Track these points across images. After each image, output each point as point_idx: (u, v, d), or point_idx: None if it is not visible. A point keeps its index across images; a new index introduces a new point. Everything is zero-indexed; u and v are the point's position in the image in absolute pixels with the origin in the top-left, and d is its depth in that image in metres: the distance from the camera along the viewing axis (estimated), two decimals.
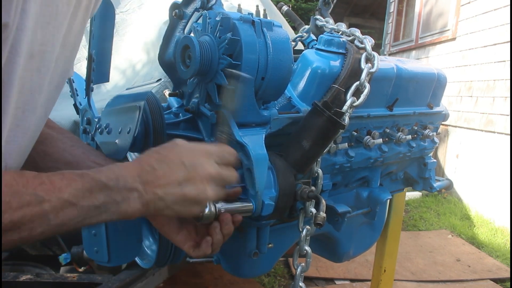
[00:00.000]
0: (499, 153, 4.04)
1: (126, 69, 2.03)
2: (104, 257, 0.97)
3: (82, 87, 1.05)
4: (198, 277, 2.60)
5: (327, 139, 0.89)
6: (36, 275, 1.54)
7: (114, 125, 0.85)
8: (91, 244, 1.00)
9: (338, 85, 0.99)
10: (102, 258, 0.98)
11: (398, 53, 6.97)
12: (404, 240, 3.42)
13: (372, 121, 1.16)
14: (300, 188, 0.87)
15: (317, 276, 2.78)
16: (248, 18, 0.80)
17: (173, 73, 0.94)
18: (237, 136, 0.79)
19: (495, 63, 4.27)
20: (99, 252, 0.98)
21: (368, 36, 1.05)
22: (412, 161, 1.45)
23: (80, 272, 1.75)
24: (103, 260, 0.98)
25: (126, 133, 0.79)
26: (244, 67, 0.77)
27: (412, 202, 4.58)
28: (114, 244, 0.96)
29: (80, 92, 1.06)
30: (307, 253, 0.94)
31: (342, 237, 1.30)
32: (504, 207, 3.81)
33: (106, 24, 0.95)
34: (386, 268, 1.69)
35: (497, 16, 4.29)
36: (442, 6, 5.61)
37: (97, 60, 0.94)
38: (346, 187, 1.24)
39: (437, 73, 1.34)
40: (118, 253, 0.98)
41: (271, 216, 0.84)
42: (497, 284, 2.85)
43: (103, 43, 0.96)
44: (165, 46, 0.96)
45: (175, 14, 0.94)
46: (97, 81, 0.96)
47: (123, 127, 0.80)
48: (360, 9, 10.91)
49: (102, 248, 0.97)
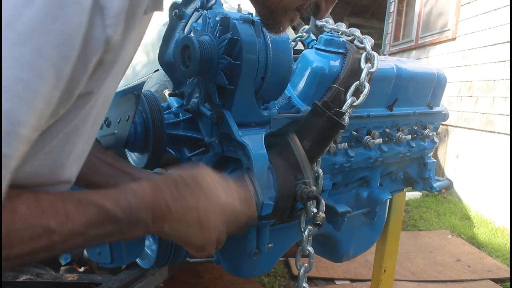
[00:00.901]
0: (499, 153, 4.04)
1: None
2: (107, 259, 0.97)
3: None
4: (198, 277, 2.60)
5: (327, 139, 0.89)
6: (36, 275, 1.54)
7: (113, 118, 0.86)
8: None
9: (338, 85, 0.99)
10: (105, 259, 0.98)
11: (398, 53, 6.96)
12: (404, 240, 3.42)
13: (372, 121, 1.16)
14: (300, 188, 0.87)
15: (317, 276, 2.78)
16: (248, 18, 0.80)
17: (173, 73, 0.94)
18: (237, 136, 0.79)
19: (495, 63, 4.27)
20: (102, 253, 0.98)
21: (368, 36, 1.06)
22: (412, 161, 1.45)
23: (80, 272, 1.75)
24: (106, 262, 0.98)
25: (125, 122, 0.79)
26: (244, 67, 0.77)
27: (412, 202, 4.58)
28: (116, 244, 0.96)
29: None
30: (309, 254, 0.94)
31: (342, 237, 1.30)
32: (504, 207, 3.81)
33: None
34: (386, 268, 1.69)
35: (497, 16, 4.29)
36: (442, 6, 5.61)
37: None
38: (346, 187, 1.24)
39: (437, 73, 1.34)
40: (121, 254, 0.98)
41: (271, 216, 0.84)
42: (497, 284, 2.85)
43: None
44: (165, 46, 0.96)
45: (175, 14, 0.94)
46: None
47: (122, 116, 0.81)
48: (360, 9, 10.91)
49: (105, 250, 0.97)
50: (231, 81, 0.79)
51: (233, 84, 0.79)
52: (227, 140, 0.84)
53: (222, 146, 0.85)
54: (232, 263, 1.10)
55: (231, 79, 0.79)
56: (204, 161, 0.88)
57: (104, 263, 0.99)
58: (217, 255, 1.12)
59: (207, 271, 2.66)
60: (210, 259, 1.12)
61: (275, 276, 2.75)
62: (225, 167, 0.87)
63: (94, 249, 1.00)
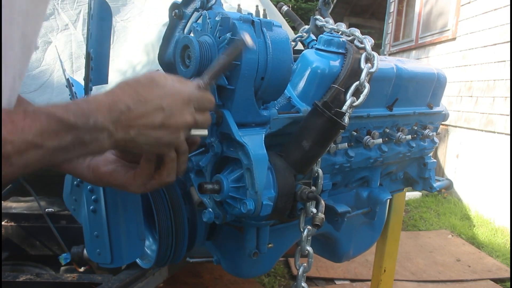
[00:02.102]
0: (499, 153, 4.04)
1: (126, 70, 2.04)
2: (107, 259, 0.97)
3: (81, 91, 1.05)
4: (198, 277, 2.60)
5: (327, 140, 0.89)
6: (36, 275, 1.54)
7: None
8: (93, 246, 1.00)
9: (338, 85, 0.99)
10: (105, 259, 0.98)
11: (398, 53, 6.97)
12: (404, 240, 3.42)
13: (372, 121, 1.16)
14: (300, 188, 0.87)
15: (317, 276, 2.78)
16: (248, 18, 0.80)
17: (173, 73, 0.94)
18: (236, 136, 0.79)
19: (495, 63, 4.27)
20: (102, 253, 0.98)
21: (368, 36, 1.05)
22: (412, 161, 1.45)
23: (80, 272, 1.75)
24: (106, 262, 0.98)
25: None
26: (243, 67, 0.77)
27: (412, 202, 4.58)
28: (116, 244, 0.96)
29: (79, 95, 1.06)
30: (308, 253, 0.94)
31: (342, 237, 1.30)
32: (504, 207, 3.81)
33: (103, 24, 0.95)
34: (386, 268, 1.69)
35: (497, 16, 4.29)
36: (442, 6, 5.61)
37: (95, 60, 0.94)
38: (346, 187, 1.24)
39: (437, 73, 1.34)
40: (121, 254, 0.98)
41: (270, 216, 0.84)
42: (497, 284, 2.85)
43: (100, 43, 0.96)
44: (165, 46, 0.96)
45: (175, 14, 0.94)
46: (96, 83, 0.96)
47: None
48: (360, 9, 10.91)
49: (105, 250, 0.97)
50: (231, 81, 0.79)
51: (233, 84, 0.79)
52: (227, 140, 0.84)
53: (222, 146, 0.85)
54: (232, 263, 1.10)
55: (231, 79, 0.79)
56: (204, 161, 0.88)
57: (104, 263, 0.99)
58: (217, 255, 1.12)
59: (207, 271, 2.66)
60: (210, 259, 1.12)
61: (275, 276, 2.75)
62: (225, 167, 0.87)
63: (94, 249, 1.00)
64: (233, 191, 0.82)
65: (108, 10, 0.96)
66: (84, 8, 2.07)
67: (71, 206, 1.02)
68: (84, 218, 1.00)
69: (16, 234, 1.92)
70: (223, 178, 0.82)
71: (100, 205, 0.93)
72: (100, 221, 0.94)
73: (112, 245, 0.95)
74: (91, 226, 0.98)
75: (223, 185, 0.82)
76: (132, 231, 0.94)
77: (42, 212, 1.84)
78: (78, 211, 1.01)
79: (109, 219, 0.93)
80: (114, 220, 0.93)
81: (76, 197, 1.00)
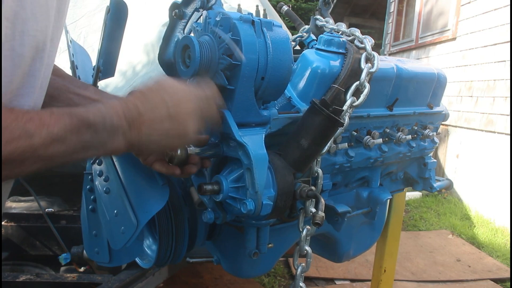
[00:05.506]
0: (499, 153, 4.04)
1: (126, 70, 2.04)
2: (105, 258, 0.97)
3: (82, 55, 1.10)
4: (198, 277, 2.60)
5: (326, 138, 0.89)
6: (36, 275, 1.55)
7: None
8: (91, 245, 1.00)
9: (338, 85, 0.99)
10: (103, 258, 0.98)
11: (398, 53, 6.96)
12: (404, 240, 3.42)
13: (372, 121, 1.15)
14: (299, 187, 0.87)
15: (317, 276, 2.78)
16: (248, 18, 0.80)
17: (173, 73, 0.94)
18: (237, 136, 0.79)
19: (495, 63, 4.27)
20: (100, 252, 0.98)
21: (368, 36, 1.05)
22: (412, 161, 1.45)
23: (80, 272, 1.75)
24: (104, 261, 0.98)
25: None
26: (243, 67, 0.77)
27: (412, 202, 4.58)
28: (138, 202, 0.93)
29: (78, 57, 1.11)
30: (307, 253, 0.94)
31: (342, 237, 1.30)
32: (504, 207, 3.81)
33: (118, 23, 0.99)
34: (386, 268, 1.69)
35: (497, 16, 4.29)
36: (442, 6, 5.61)
37: (105, 54, 0.99)
38: (346, 187, 1.24)
39: (437, 73, 1.34)
40: (119, 253, 0.97)
41: (270, 215, 0.84)
42: (497, 284, 2.85)
43: (113, 40, 1.00)
44: (165, 46, 0.96)
45: (175, 14, 0.94)
46: (104, 75, 0.99)
47: None
48: (360, 9, 10.90)
49: (103, 249, 0.97)
50: (231, 81, 0.79)
51: (233, 84, 0.79)
52: (227, 140, 0.84)
53: (222, 146, 0.85)
54: (232, 263, 1.10)
55: (231, 79, 0.79)
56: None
57: (102, 262, 0.98)
58: (217, 255, 1.12)
59: (207, 271, 2.66)
60: (210, 259, 1.12)
61: (275, 276, 2.75)
62: (225, 167, 0.87)
63: (93, 248, 1.00)
64: (232, 191, 0.82)
65: (125, 9, 1.00)
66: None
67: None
68: (83, 217, 1.00)
69: (16, 234, 1.92)
70: (222, 178, 0.82)
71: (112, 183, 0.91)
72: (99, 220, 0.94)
73: (134, 206, 0.89)
74: (90, 225, 0.98)
75: (223, 186, 0.82)
76: (152, 180, 0.89)
77: (42, 212, 1.84)
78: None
79: (125, 187, 0.90)
80: (129, 181, 0.90)
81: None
